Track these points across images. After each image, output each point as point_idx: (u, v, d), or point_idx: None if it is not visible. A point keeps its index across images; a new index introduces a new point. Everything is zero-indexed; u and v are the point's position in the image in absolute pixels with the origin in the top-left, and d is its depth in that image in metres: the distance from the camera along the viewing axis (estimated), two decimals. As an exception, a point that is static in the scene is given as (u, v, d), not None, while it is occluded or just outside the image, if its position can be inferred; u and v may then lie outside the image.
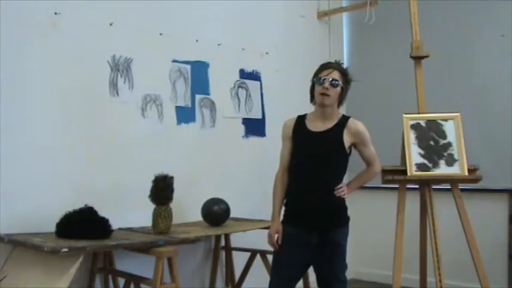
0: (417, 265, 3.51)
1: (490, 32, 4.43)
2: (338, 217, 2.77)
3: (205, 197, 3.56)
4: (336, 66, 2.76)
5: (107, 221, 2.92)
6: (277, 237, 2.79)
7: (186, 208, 3.64)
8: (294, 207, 2.79)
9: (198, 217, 3.54)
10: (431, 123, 3.34)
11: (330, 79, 2.69)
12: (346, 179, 2.89)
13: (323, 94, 2.69)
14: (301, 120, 2.84)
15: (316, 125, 2.78)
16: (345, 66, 2.81)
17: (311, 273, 2.94)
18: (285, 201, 2.85)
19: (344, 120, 2.77)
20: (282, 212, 2.86)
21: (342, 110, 2.92)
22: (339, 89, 2.72)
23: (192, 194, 3.67)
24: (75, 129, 3.23)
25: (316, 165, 2.73)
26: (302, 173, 2.76)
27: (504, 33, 4.34)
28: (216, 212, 3.48)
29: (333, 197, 2.71)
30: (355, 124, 2.77)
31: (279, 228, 2.79)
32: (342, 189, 2.74)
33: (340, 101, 2.78)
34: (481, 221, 3.85)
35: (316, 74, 2.76)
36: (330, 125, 2.75)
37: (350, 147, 2.79)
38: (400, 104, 3.95)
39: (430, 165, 3.26)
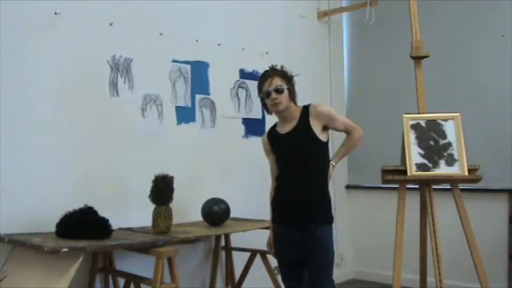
0: (417, 265, 3.50)
1: (490, 32, 4.43)
2: (319, 213, 2.73)
3: (205, 197, 3.56)
4: (273, 72, 2.81)
5: (107, 221, 2.93)
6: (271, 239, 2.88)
7: (186, 208, 3.64)
8: (276, 205, 2.84)
9: (198, 217, 3.54)
10: (431, 123, 3.33)
11: (274, 87, 2.73)
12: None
13: (274, 104, 2.74)
14: (272, 130, 2.90)
15: (284, 129, 2.82)
16: (278, 67, 2.85)
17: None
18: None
19: (305, 110, 2.79)
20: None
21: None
22: (286, 92, 2.75)
23: (192, 194, 3.67)
24: (75, 129, 3.23)
25: (294, 164, 2.75)
26: (284, 174, 2.81)
27: (504, 33, 4.34)
28: (216, 212, 3.48)
29: (313, 192, 2.72)
30: (315, 107, 2.77)
31: (271, 235, 2.90)
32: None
33: (292, 98, 2.81)
34: (481, 221, 3.85)
35: (260, 89, 2.81)
36: (295, 122, 2.78)
37: (326, 135, 2.78)
38: (400, 104, 3.95)
39: (430, 165, 3.25)
